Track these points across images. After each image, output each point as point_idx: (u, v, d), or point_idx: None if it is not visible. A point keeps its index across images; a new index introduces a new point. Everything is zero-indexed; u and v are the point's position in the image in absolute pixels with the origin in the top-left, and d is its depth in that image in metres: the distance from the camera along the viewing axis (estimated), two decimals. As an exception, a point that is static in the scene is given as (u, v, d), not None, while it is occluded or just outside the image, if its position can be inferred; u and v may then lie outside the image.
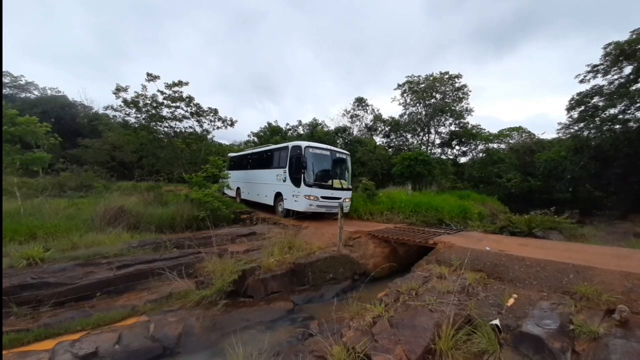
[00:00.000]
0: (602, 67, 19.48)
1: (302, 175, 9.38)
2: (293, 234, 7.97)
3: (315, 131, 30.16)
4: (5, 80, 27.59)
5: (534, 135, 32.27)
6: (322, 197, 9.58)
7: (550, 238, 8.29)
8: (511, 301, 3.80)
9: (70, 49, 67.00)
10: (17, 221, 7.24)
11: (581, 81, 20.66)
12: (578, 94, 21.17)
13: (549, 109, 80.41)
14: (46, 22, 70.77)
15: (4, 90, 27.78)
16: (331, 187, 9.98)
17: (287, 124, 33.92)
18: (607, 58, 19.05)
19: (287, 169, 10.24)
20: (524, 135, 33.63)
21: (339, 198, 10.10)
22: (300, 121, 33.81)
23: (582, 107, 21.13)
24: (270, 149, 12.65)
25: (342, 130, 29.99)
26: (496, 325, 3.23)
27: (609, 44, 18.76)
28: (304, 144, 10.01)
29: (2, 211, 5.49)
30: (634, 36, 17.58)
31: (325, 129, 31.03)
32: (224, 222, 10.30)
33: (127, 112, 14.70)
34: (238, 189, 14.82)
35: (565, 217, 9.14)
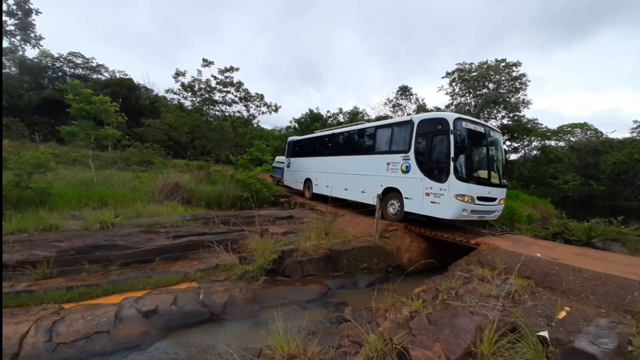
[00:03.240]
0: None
1: (453, 165, 6.39)
2: (329, 220, 8.14)
3: (355, 119, 29.75)
4: (78, 61, 30.77)
5: (601, 133, 28.50)
6: (478, 198, 6.72)
7: (612, 250, 7.50)
8: (563, 314, 3.57)
9: (134, 34, 72.65)
10: (91, 189, 8.32)
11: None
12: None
13: (622, 105, 70.02)
14: (113, 6, 76.83)
15: (78, 70, 31.16)
16: (488, 183, 7.01)
17: (328, 111, 33.91)
18: None
19: (412, 154, 7.42)
20: (588, 132, 29.78)
21: (494, 199, 7.17)
22: (340, 109, 33.60)
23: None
24: (371, 126, 9.43)
25: (382, 120, 29.24)
26: (544, 337, 3.08)
27: None
28: (450, 116, 6.71)
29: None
30: None
31: (366, 118, 30.44)
32: (265, 204, 10.81)
33: (185, 96, 15.71)
34: (308, 180, 12.05)
35: (634, 228, 8.17)
